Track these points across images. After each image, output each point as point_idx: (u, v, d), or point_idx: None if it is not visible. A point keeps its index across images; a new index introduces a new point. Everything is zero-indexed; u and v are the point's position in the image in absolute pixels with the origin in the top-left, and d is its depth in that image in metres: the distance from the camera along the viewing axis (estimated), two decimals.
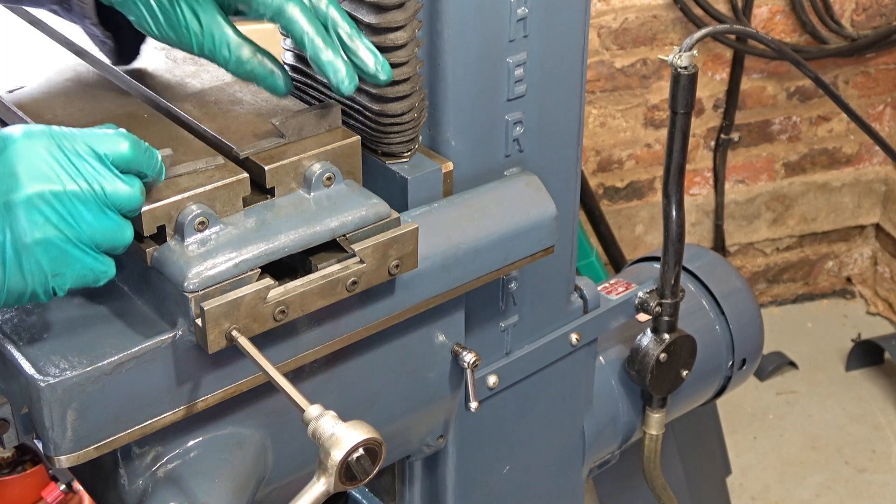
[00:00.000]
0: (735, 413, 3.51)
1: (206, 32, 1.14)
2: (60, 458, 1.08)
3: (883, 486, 3.32)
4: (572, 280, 1.58)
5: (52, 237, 0.98)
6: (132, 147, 1.02)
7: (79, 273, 1.02)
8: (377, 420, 1.09)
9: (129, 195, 1.02)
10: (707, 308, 1.88)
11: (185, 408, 1.13)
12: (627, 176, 3.68)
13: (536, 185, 1.37)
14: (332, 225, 1.14)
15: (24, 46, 1.40)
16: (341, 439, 1.00)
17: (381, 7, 1.19)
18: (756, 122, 3.72)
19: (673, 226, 1.67)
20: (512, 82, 1.34)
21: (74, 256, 1.00)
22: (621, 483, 2.37)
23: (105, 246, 1.02)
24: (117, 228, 1.02)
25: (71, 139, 1.00)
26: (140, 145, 1.04)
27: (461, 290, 1.30)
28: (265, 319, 1.09)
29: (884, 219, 3.96)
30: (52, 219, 0.98)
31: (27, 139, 0.98)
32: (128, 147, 1.02)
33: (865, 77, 3.70)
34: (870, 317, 4.03)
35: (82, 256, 1.01)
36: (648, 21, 3.42)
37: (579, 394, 1.67)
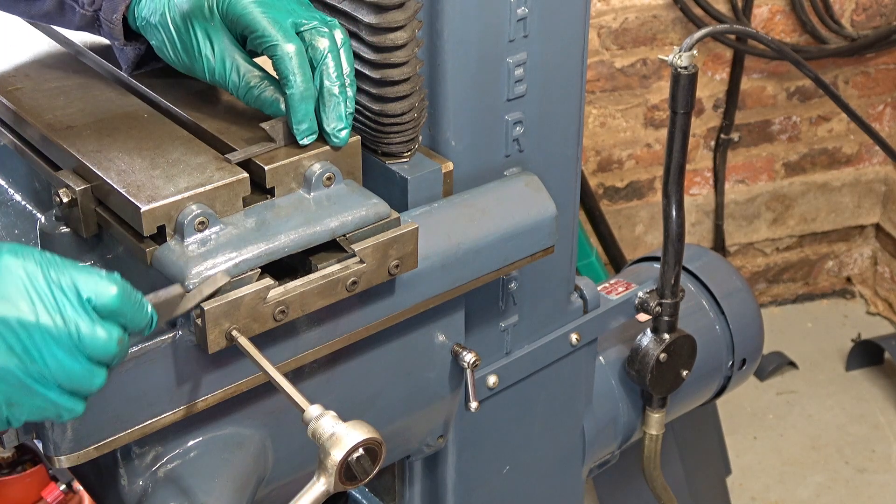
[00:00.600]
0: (735, 413, 3.51)
1: (218, 58, 1.17)
2: (60, 458, 1.08)
3: (883, 486, 3.32)
4: (572, 280, 1.58)
5: (12, 367, 0.92)
6: (120, 296, 0.96)
7: (38, 407, 0.96)
8: (377, 420, 1.09)
9: (104, 343, 0.95)
10: (707, 308, 1.88)
11: (185, 408, 1.13)
12: (627, 176, 3.67)
13: (536, 185, 1.37)
14: (332, 225, 1.14)
15: (24, 46, 1.40)
16: (341, 439, 1.00)
17: (381, 7, 1.19)
18: (756, 122, 3.71)
19: (673, 226, 1.67)
20: (512, 82, 1.34)
21: (34, 391, 0.94)
22: (621, 483, 2.37)
23: (69, 388, 0.96)
24: (86, 374, 0.95)
25: (58, 270, 0.94)
26: (130, 296, 0.98)
27: (461, 290, 1.30)
28: (265, 319, 1.09)
29: (884, 219, 3.96)
30: (15, 348, 0.92)
31: (12, 256, 0.93)
32: (115, 294, 0.96)
33: (865, 77, 3.70)
34: (870, 317, 4.02)
35: (43, 392, 0.95)
36: (648, 21, 3.42)
37: (579, 394, 1.67)
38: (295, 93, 1.15)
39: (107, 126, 1.22)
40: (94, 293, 0.95)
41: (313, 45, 1.16)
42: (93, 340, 0.94)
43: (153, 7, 1.19)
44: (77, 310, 0.94)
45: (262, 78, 1.18)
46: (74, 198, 1.13)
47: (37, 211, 1.29)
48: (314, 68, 1.17)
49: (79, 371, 0.95)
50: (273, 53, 1.15)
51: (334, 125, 1.18)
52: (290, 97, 1.16)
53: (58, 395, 0.95)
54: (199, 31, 1.17)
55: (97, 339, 0.95)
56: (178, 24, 1.18)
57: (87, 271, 0.96)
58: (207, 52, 1.18)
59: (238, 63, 1.18)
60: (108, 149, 1.17)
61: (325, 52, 1.16)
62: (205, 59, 1.18)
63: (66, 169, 1.17)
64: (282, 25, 1.15)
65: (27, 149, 1.24)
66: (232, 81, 1.18)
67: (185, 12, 1.17)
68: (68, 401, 0.96)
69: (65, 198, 1.13)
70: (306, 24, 1.16)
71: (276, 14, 1.15)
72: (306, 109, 1.16)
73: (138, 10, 1.21)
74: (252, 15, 1.15)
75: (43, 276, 0.93)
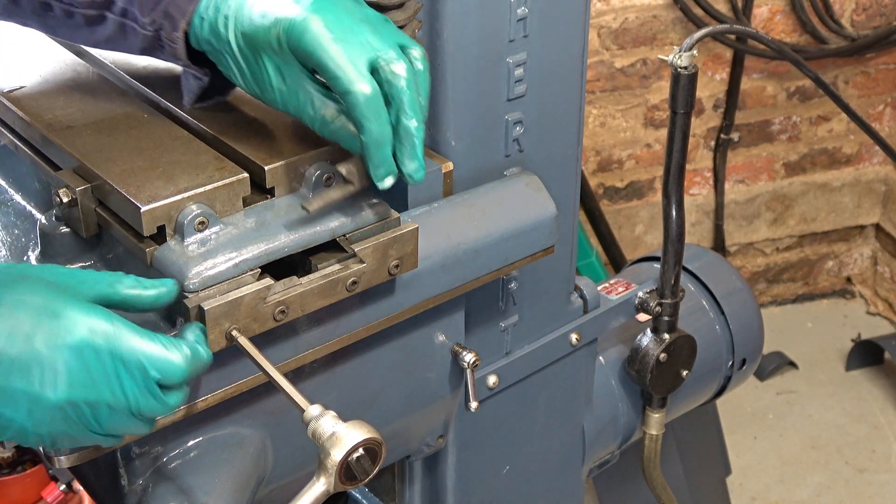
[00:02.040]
0: (735, 413, 3.51)
1: (291, 91, 1.12)
2: (60, 458, 1.08)
3: (883, 486, 3.32)
4: (572, 280, 1.58)
5: (69, 431, 0.97)
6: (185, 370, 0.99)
7: (80, 444, 1.01)
8: (377, 420, 1.09)
9: (163, 412, 1.01)
10: (707, 308, 1.88)
11: (185, 408, 1.13)
12: (627, 176, 3.67)
13: (536, 185, 1.37)
14: (332, 225, 1.14)
15: (24, 46, 1.40)
16: (341, 439, 1.00)
17: (381, 7, 1.19)
18: (756, 122, 3.72)
19: (673, 226, 1.67)
20: (512, 82, 1.34)
21: (82, 438, 1.00)
22: (621, 483, 2.37)
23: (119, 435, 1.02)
24: (138, 428, 1.01)
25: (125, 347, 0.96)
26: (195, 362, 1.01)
27: (461, 290, 1.30)
28: (265, 319, 1.09)
29: (884, 219, 3.96)
30: (74, 420, 0.96)
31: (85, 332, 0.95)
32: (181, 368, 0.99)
33: (865, 77, 3.70)
34: (870, 317, 4.02)
35: (91, 438, 1.00)
36: (648, 21, 3.42)
37: (579, 394, 1.67)
38: (370, 140, 1.09)
39: (107, 126, 1.22)
40: (161, 372, 0.98)
41: (389, 82, 1.09)
42: (151, 410, 0.99)
43: (216, 31, 1.12)
44: (141, 388, 0.98)
45: (338, 112, 1.11)
46: (74, 198, 1.13)
47: (37, 211, 1.29)
48: (389, 102, 1.10)
49: (132, 427, 1.00)
50: (346, 99, 1.08)
51: (412, 167, 1.12)
52: (365, 144, 1.09)
53: (104, 437, 1.01)
54: (269, 63, 1.11)
55: (156, 408, 1.00)
56: (247, 53, 1.12)
57: (154, 341, 0.98)
58: (279, 85, 1.12)
59: (312, 96, 1.11)
60: (108, 149, 1.17)
61: (403, 88, 1.09)
62: (276, 91, 1.13)
63: (66, 169, 1.17)
64: (355, 65, 1.07)
65: (27, 149, 1.24)
66: (307, 115, 1.12)
67: (253, 43, 1.11)
68: (112, 441, 1.02)
69: (65, 198, 1.13)
70: (382, 60, 1.09)
71: (350, 50, 1.07)
72: (383, 155, 1.11)
73: (200, 33, 1.14)
74: (323, 52, 1.07)
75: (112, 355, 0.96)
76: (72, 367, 0.94)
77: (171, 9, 1.13)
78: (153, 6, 1.14)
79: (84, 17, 1.19)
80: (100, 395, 0.96)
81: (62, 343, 0.94)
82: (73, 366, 0.94)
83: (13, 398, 0.93)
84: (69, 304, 0.96)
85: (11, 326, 0.93)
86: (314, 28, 1.08)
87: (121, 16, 1.17)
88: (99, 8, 1.18)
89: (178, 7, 1.13)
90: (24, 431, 0.96)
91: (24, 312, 0.94)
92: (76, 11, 1.19)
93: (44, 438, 0.97)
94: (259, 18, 1.10)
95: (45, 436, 0.97)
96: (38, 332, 0.94)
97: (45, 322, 0.94)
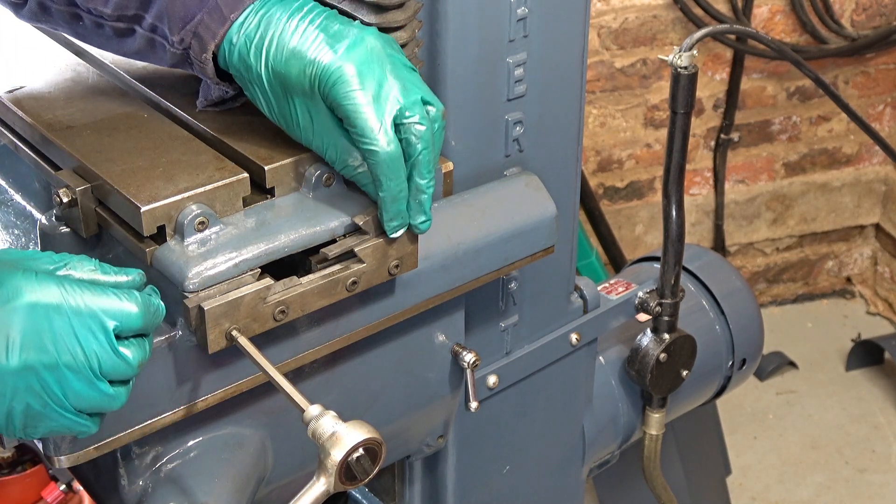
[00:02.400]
0: (735, 413, 3.51)
1: (316, 133, 1.13)
2: (60, 458, 1.08)
3: (883, 486, 3.32)
4: (572, 280, 1.58)
5: (31, 402, 0.94)
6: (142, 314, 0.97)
7: (54, 428, 0.97)
8: (377, 420, 1.09)
9: (125, 369, 0.97)
10: (707, 308, 1.88)
11: (185, 408, 1.13)
12: (627, 176, 3.67)
13: (536, 185, 1.37)
14: (332, 225, 1.14)
15: (24, 46, 1.40)
16: (341, 439, 1.00)
17: (381, 7, 1.19)
18: (756, 122, 3.71)
19: (673, 226, 1.67)
20: (512, 82, 1.34)
21: (52, 417, 0.96)
22: (621, 483, 2.37)
23: (88, 412, 0.98)
24: (105, 399, 0.97)
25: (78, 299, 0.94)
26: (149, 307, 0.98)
27: (461, 290, 1.30)
28: (265, 319, 1.09)
29: (884, 219, 3.96)
30: (35, 387, 0.93)
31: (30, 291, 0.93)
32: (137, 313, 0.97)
33: (865, 77, 3.70)
34: (870, 317, 4.02)
35: (60, 418, 0.96)
36: (648, 21, 3.42)
37: (579, 394, 1.67)
38: (387, 196, 1.12)
39: (107, 126, 1.22)
40: (118, 318, 0.96)
41: (409, 140, 1.11)
42: (114, 368, 0.96)
43: (245, 61, 1.12)
44: (100, 342, 0.95)
45: (362, 162, 1.13)
46: (74, 198, 1.13)
47: (37, 211, 1.29)
48: (406, 158, 1.12)
49: (98, 397, 0.96)
50: (368, 155, 1.10)
51: (420, 219, 1.15)
52: (382, 198, 1.12)
53: (75, 417, 0.97)
54: (299, 104, 1.12)
55: (118, 366, 0.96)
56: (277, 90, 1.12)
57: (107, 293, 0.96)
58: (306, 124, 1.13)
59: (337, 142, 1.12)
60: (108, 149, 1.17)
61: (420, 150, 1.11)
62: (302, 130, 1.13)
63: (66, 169, 1.17)
64: (382, 123, 1.09)
65: (27, 149, 1.24)
66: (329, 156, 1.14)
67: (284, 81, 1.11)
68: (85, 421, 0.98)
69: (65, 198, 1.13)
70: (406, 118, 1.11)
71: (378, 107, 1.09)
72: (398, 209, 1.13)
73: (229, 58, 1.13)
74: (353, 107, 1.08)
75: (64, 312, 0.94)
76: (24, 331, 0.92)
77: (200, 30, 1.12)
78: (182, 25, 1.13)
79: (113, 30, 1.19)
80: (58, 356, 0.93)
81: (10, 308, 0.92)
82: (25, 328, 0.92)
83: None
84: (14, 274, 0.94)
85: None
86: (347, 77, 1.09)
87: (150, 31, 1.16)
88: (128, 22, 1.17)
89: (209, 29, 1.12)
90: None
91: None
92: (105, 24, 1.18)
93: (12, 417, 0.94)
94: (292, 58, 1.10)
95: (12, 411, 0.94)
96: None
97: None
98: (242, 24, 1.11)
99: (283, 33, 1.10)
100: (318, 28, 1.10)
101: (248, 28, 1.11)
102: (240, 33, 1.11)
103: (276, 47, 1.10)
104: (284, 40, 1.10)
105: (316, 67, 1.09)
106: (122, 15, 1.16)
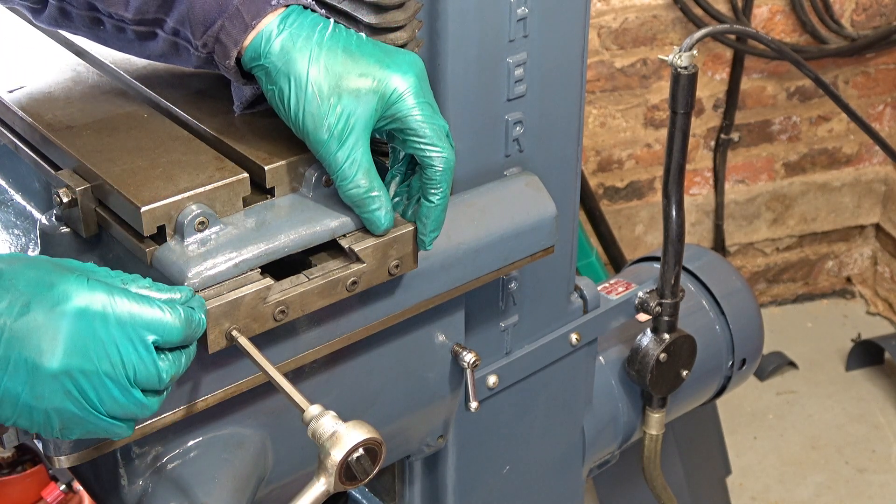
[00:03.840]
0: (735, 413, 3.51)
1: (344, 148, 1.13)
2: (60, 458, 1.08)
3: (883, 486, 3.32)
4: (572, 280, 1.58)
5: (68, 406, 0.96)
6: (182, 329, 0.99)
7: (89, 431, 1.00)
8: (377, 420, 1.09)
9: (160, 380, 0.99)
10: (707, 308, 1.88)
11: (185, 408, 1.13)
12: (627, 176, 3.67)
13: (536, 185, 1.37)
14: (332, 225, 1.14)
15: (24, 46, 1.40)
16: (341, 439, 1.00)
17: (381, 7, 1.19)
18: (756, 122, 3.71)
19: (673, 226, 1.67)
20: (512, 82, 1.34)
21: (88, 421, 0.98)
22: (621, 483, 2.37)
23: (121, 418, 1.00)
24: (138, 406, 0.99)
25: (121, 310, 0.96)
26: (191, 323, 1.00)
27: (461, 290, 1.30)
28: (265, 319, 1.09)
29: (884, 219, 3.96)
30: (73, 392, 0.95)
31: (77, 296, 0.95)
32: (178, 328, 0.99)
33: (865, 77, 3.70)
34: (870, 317, 4.02)
35: (96, 421, 0.98)
36: (648, 21, 3.42)
37: (579, 394, 1.67)
38: (441, 204, 1.16)
39: (107, 126, 1.22)
40: (159, 332, 0.98)
41: None
42: (149, 379, 0.98)
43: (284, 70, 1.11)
44: (139, 353, 0.97)
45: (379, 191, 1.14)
46: (74, 198, 1.13)
47: (37, 211, 1.29)
48: None
49: (132, 405, 0.98)
50: (431, 162, 1.14)
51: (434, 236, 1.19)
52: (433, 207, 1.16)
53: (109, 423, 0.99)
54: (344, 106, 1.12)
55: (153, 377, 0.98)
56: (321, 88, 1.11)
57: (152, 304, 0.98)
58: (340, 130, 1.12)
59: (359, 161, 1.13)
60: (108, 149, 1.17)
61: None
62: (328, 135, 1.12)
63: (66, 169, 1.17)
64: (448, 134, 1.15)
65: (27, 149, 1.24)
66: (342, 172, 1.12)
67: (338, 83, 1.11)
68: (119, 427, 1.00)
69: (65, 198, 1.13)
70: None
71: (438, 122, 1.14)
72: (442, 219, 1.17)
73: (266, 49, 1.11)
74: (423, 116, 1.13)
75: (109, 320, 0.96)
76: (69, 335, 0.94)
77: (222, 36, 1.12)
78: (204, 30, 1.13)
79: (135, 33, 1.19)
80: (97, 363, 0.95)
81: (59, 311, 0.94)
82: (71, 333, 0.94)
83: (14, 368, 0.94)
84: (65, 277, 0.96)
85: (11, 297, 0.94)
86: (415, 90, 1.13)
87: (172, 35, 1.16)
88: (149, 25, 1.17)
89: (230, 36, 1.12)
90: (28, 408, 0.95)
91: (23, 283, 0.95)
92: (127, 27, 1.19)
93: (50, 418, 0.96)
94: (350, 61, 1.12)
95: (50, 413, 0.96)
96: (35, 302, 0.94)
97: (42, 292, 0.95)
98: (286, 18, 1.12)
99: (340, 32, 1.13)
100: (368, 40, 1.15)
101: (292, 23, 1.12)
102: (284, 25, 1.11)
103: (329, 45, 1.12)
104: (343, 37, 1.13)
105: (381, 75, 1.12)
106: (143, 19, 1.17)
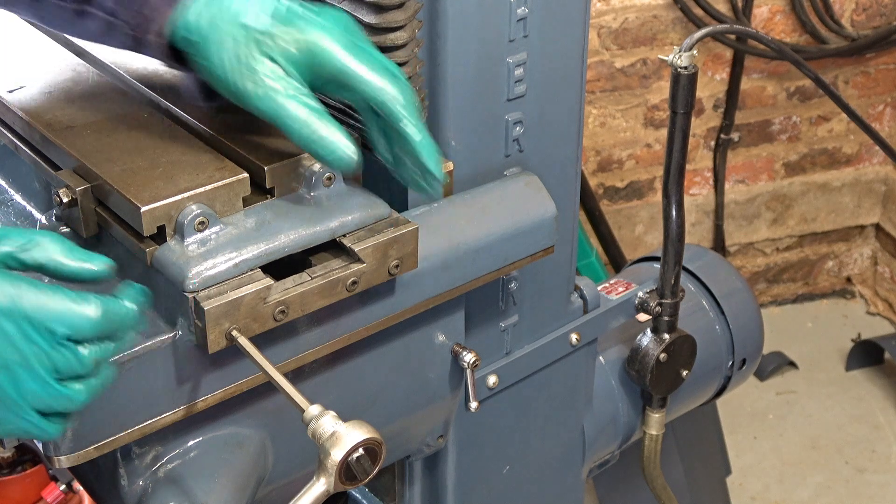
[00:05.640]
0: (735, 413, 3.51)
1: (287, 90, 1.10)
2: (60, 458, 1.08)
3: (883, 486, 3.32)
4: (572, 280, 1.58)
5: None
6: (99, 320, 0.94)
7: (16, 430, 0.95)
8: (377, 420, 1.09)
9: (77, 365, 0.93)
10: (707, 308, 1.88)
11: (185, 408, 1.13)
12: (627, 176, 3.67)
13: (536, 185, 1.37)
14: (332, 225, 1.14)
15: (24, 46, 1.40)
16: (341, 439, 1.00)
17: (381, 7, 1.19)
18: (756, 122, 3.71)
19: (673, 226, 1.67)
20: (512, 82, 1.34)
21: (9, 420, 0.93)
22: (621, 483, 2.37)
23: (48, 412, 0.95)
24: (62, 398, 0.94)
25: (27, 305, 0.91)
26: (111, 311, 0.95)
27: (461, 290, 1.30)
28: (265, 319, 1.09)
29: (884, 219, 3.96)
30: None
31: None
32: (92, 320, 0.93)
33: (865, 77, 3.70)
34: (870, 317, 4.02)
35: (18, 420, 0.94)
36: (648, 21, 3.42)
37: (579, 394, 1.67)
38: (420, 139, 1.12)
39: (107, 126, 1.22)
40: (69, 326, 0.93)
41: None
42: (70, 366, 0.93)
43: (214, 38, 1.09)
44: (52, 346, 0.92)
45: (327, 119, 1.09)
46: (74, 198, 1.13)
47: (37, 211, 1.29)
48: None
49: (52, 397, 0.94)
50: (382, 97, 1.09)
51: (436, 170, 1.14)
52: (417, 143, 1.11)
53: (36, 419, 0.94)
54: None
55: (74, 366, 0.94)
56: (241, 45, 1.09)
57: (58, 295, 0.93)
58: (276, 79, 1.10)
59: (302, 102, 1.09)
60: (108, 149, 1.17)
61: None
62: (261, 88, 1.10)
63: (66, 169, 1.17)
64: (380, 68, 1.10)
65: (27, 149, 1.24)
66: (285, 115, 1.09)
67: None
68: (46, 424, 0.95)
69: (65, 198, 1.13)
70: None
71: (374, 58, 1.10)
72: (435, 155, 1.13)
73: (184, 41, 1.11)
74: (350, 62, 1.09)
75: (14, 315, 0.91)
76: None
77: (146, 10, 1.12)
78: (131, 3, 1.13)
79: (73, 11, 1.17)
80: (9, 357, 0.91)
81: None
82: None
83: None
84: None
85: None
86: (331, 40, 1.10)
87: (110, 14, 1.15)
88: (80, 3, 1.16)
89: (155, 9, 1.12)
90: None
91: None
92: (64, 5, 1.17)
93: None
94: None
95: None
96: None
97: None
98: None
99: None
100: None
101: None
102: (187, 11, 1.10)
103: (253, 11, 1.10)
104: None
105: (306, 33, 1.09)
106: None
